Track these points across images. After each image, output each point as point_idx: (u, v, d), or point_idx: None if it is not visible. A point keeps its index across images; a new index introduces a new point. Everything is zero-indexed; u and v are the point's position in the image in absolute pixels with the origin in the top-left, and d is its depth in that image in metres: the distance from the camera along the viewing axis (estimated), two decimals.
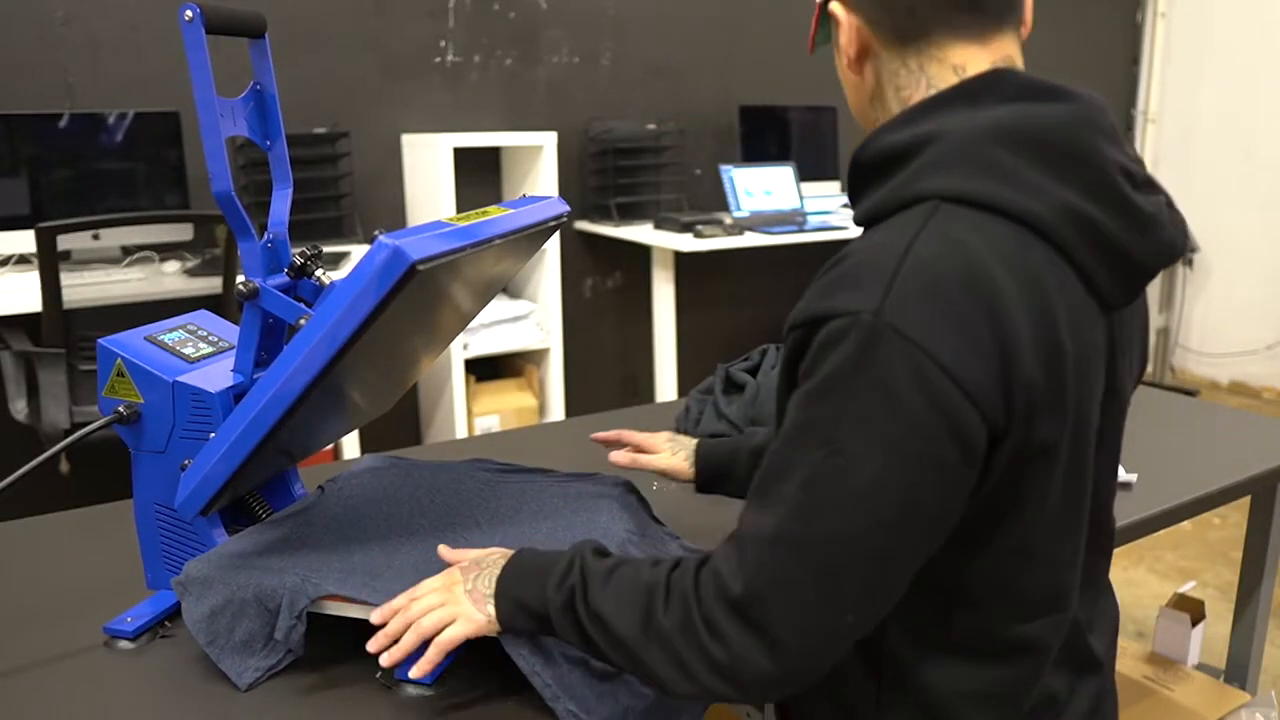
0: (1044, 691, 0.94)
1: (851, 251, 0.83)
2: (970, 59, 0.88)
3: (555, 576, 0.90)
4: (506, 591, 0.92)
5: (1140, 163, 0.89)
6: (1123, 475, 1.46)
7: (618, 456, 1.31)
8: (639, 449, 1.32)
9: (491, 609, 0.92)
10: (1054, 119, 0.84)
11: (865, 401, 0.76)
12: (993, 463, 0.81)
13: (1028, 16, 0.92)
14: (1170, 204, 0.91)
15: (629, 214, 3.74)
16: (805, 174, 4.05)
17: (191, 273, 2.69)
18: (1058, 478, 0.85)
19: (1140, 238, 0.85)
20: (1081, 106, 0.85)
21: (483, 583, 0.94)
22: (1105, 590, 1.04)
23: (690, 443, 1.32)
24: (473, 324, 3.31)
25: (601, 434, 1.34)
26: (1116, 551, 1.68)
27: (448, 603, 0.93)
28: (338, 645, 1.04)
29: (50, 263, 2.31)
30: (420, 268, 0.89)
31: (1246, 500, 1.74)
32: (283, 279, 1.09)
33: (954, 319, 0.77)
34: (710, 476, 1.28)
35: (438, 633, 0.92)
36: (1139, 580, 3.09)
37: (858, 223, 0.90)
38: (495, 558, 0.97)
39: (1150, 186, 0.88)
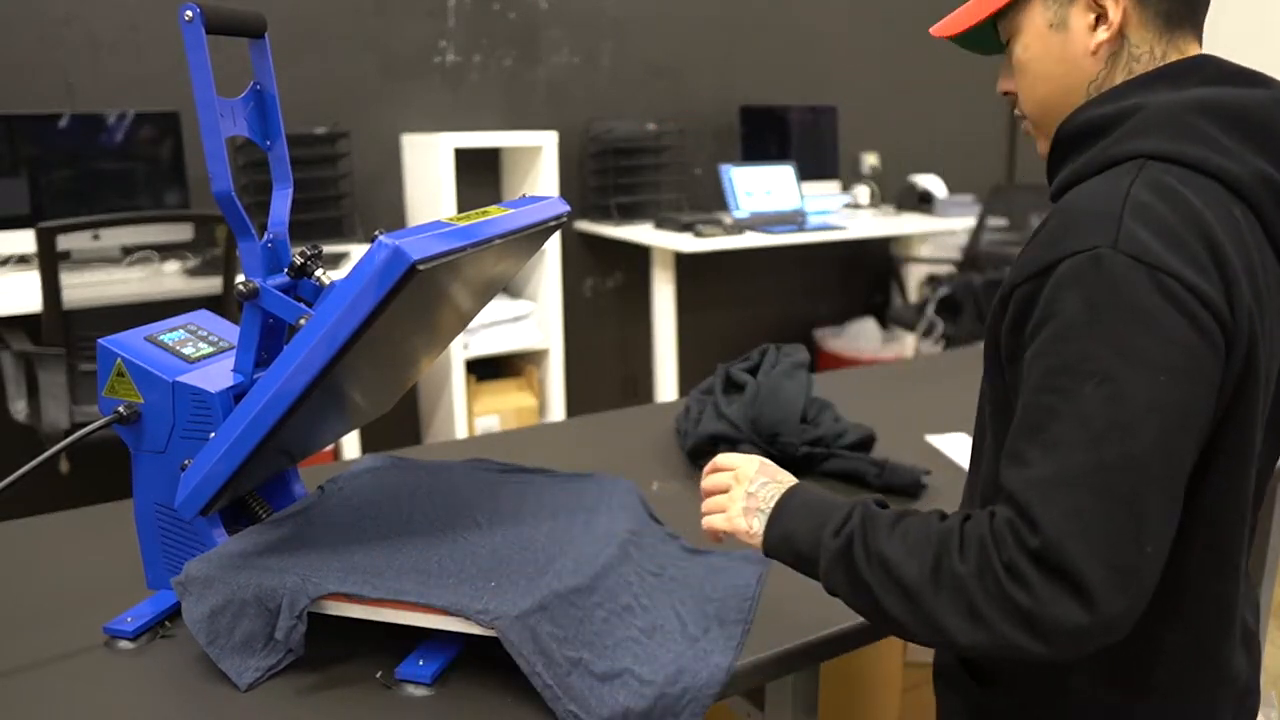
0: (1237, 668, 0.95)
1: (1064, 205, 0.86)
2: (1194, 52, 0.94)
3: (834, 523, 0.91)
4: (780, 520, 0.95)
5: None
6: None
7: None
8: None
9: (760, 526, 0.96)
10: (1253, 99, 0.88)
11: (1121, 327, 0.79)
12: (1223, 385, 0.83)
13: None
14: None
15: (629, 214, 3.74)
16: (805, 174, 4.05)
17: (191, 273, 2.69)
18: (1258, 421, 0.87)
19: None
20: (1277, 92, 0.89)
21: (765, 494, 0.97)
22: (1246, 572, 1.05)
23: None
24: (473, 324, 3.31)
25: None
26: None
27: (731, 489, 1.00)
28: (338, 645, 1.04)
29: (50, 263, 2.31)
30: (420, 268, 0.89)
31: None
32: (283, 279, 1.09)
33: (1181, 246, 0.81)
34: None
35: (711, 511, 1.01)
36: None
37: (1058, 191, 0.95)
38: (783, 475, 0.99)
39: None
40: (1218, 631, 0.93)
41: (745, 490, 0.98)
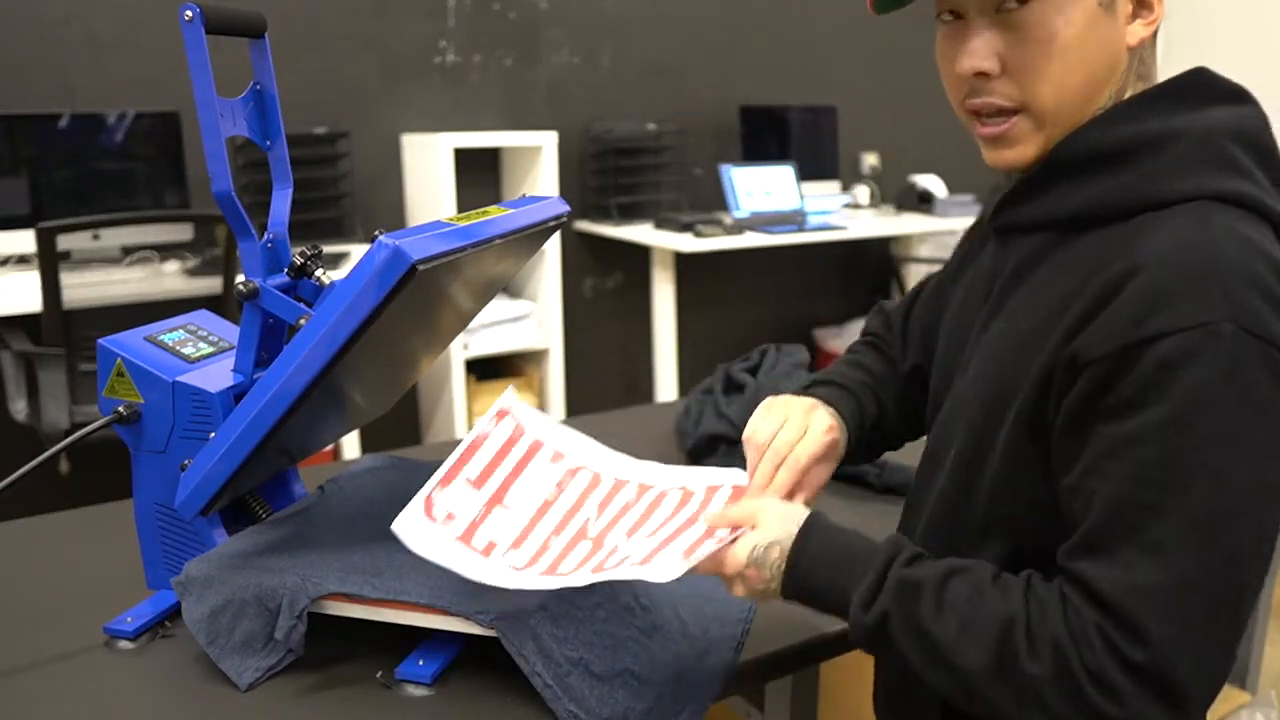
0: None
1: (1144, 263, 0.76)
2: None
3: (861, 590, 0.83)
4: (797, 585, 0.86)
5: None
6: None
7: None
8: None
9: (775, 586, 0.86)
10: (1260, 121, 0.83)
11: (1234, 413, 0.72)
12: None
13: None
14: None
15: (629, 214, 3.74)
16: (805, 174, 4.05)
17: (191, 273, 2.69)
18: None
19: None
20: (1260, 108, 0.84)
21: (769, 559, 0.86)
22: None
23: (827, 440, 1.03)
24: (473, 324, 3.31)
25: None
26: None
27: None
28: (338, 645, 1.04)
29: (50, 263, 2.31)
30: (420, 268, 0.89)
31: None
32: (283, 279, 1.09)
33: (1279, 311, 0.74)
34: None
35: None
36: None
37: (1056, 218, 0.85)
38: (775, 554, 0.86)
39: None
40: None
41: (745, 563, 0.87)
